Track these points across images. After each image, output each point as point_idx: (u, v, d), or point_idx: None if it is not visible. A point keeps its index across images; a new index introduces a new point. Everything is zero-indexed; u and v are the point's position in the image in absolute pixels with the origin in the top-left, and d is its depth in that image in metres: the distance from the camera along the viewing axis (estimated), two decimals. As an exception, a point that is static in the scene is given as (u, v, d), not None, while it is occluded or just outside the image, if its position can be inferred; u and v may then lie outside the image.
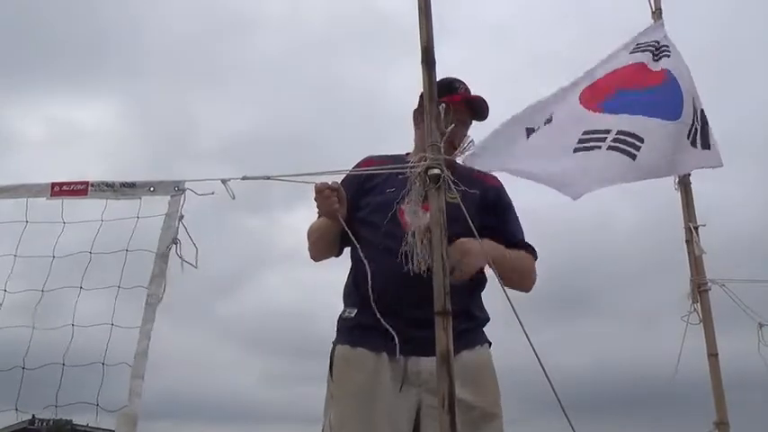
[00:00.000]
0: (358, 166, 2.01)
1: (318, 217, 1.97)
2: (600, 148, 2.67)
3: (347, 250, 2.01)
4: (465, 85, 2.06)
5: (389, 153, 2.03)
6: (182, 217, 1.67)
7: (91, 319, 1.67)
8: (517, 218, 2.05)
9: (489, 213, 1.93)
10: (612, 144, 2.67)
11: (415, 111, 2.06)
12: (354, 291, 1.86)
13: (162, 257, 1.65)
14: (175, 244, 1.65)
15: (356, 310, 1.83)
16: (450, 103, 1.93)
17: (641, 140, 2.68)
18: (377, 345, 1.76)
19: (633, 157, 2.63)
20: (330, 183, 1.78)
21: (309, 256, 2.02)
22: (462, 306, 1.75)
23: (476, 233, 1.55)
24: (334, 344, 1.86)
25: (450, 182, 1.47)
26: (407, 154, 2.01)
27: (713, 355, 2.89)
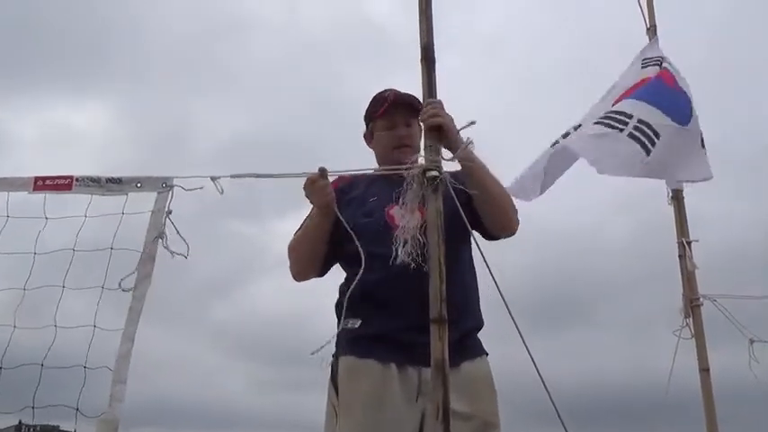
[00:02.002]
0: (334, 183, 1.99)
1: (301, 225, 1.92)
2: (622, 131, 2.79)
3: (334, 268, 1.96)
4: (393, 90, 1.98)
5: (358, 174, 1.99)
6: (169, 212, 1.63)
7: (75, 317, 1.62)
8: None
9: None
10: (633, 132, 2.77)
11: (365, 134, 2.04)
12: (356, 300, 1.80)
13: (148, 258, 1.60)
14: (161, 238, 1.60)
15: (360, 321, 1.78)
16: (384, 113, 1.91)
17: (657, 136, 2.78)
18: (384, 355, 1.72)
19: (648, 152, 2.72)
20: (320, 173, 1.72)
21: (291, 275, 1.94)
22: (463, 308, 1.72)
23: (470, 228, 1.52)
24: (336, 356, 1.80)
25: (449, 184, 1.45)
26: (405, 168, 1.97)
27: (705, 369, 2.88)
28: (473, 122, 1.58)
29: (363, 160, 2.02)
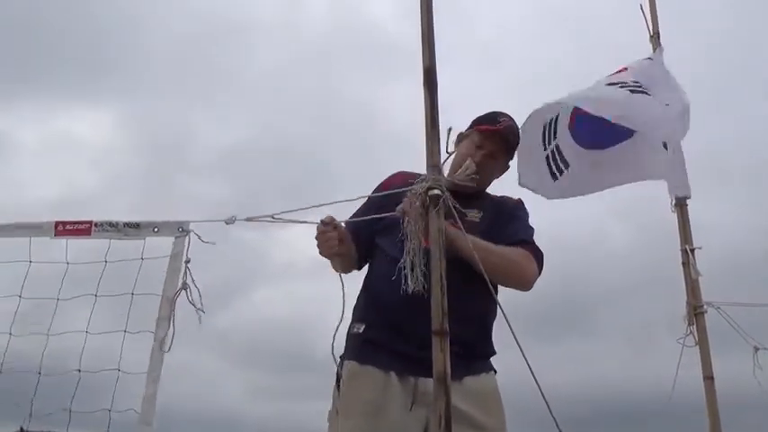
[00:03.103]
0: (389, 179, 2.01)
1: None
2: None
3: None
4: (509, 121, 2.02)
5: (419, 171, 2.03)
6: (188, 261, 1.68)
7: (97, 354, 1.69)
8: (525, 224, 2.01)
9: (500, 229, 1.93)
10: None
11: (460, 134, 2.06)
12: (364, 306, 1.85)
13: (169, 301, 1.65)
14: (185, 290, 1.66)
15: (364, 326, 1.82)
16: (485, 132, 1.95)
17: (567, 166, 3.10)
18: (385, 363, 1.76)
19: (555, 177, 3.09)
20: (331, 221, 1.77)
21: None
22: (468, 335, 1.74)
23: (476, 255, 1.54)
24: (342, 359, 1.85)
25: (450, 203, 1.47)
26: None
27: (709, 377, 2.89)
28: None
29: (364, 162, 2.06)
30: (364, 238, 1.95)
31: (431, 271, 1.41)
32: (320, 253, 1.81)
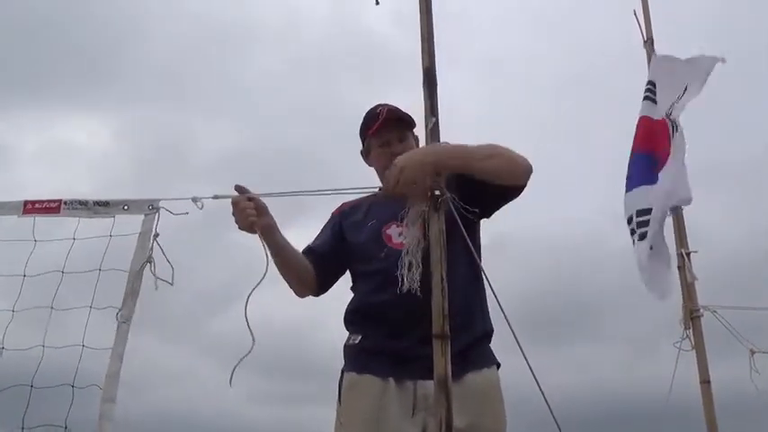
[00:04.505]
0: (334, 211, 2.00)
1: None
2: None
3: (341, 282, 1.99)
4: (386, 105, 1.95)
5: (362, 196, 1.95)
6: (156, 235, 1.64)
7: (64, 336, 1.62)
8: None
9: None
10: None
11: (361, 151, 2.03)
12: (357, 317, 1.84)
13: (135, 277, 1.60)
14: (149, 263, 1.61)
15: (360, 336, 1.81)
16: (377, 130, 1.88)
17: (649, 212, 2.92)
18: (383, 370, 1.74)
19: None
20: (243, 190, 1.71)
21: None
22: (463, 319, 1.72)
23: (474, 251, 1.53)
24: (343, 371, 1.84)
25: (452, 204, 1.46)
26: (380, 189, 1.98)
27: (705, 381, 2.89)
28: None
29: (362, 164, 2.04)
30: (330, 264, 1.91)
31: (431, 272, 1.40)
32: (239, 227, 1.73)
